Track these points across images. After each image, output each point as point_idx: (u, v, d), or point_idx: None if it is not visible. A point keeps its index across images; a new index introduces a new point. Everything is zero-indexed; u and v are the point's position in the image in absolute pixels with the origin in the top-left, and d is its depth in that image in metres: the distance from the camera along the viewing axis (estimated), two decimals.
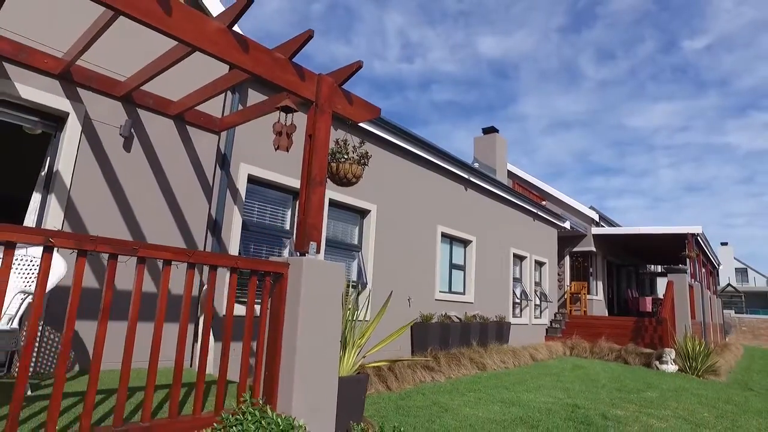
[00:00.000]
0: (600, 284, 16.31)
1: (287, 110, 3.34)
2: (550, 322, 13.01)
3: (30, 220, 4.04)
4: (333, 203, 6.56)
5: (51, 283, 3.05)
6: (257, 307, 5.08)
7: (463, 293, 9.40)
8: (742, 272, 49.75)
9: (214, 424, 2.58)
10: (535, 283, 12.49)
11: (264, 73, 3.21)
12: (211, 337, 4.72)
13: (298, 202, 6.10)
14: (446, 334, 7.91)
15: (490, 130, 15.72)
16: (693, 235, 13.70)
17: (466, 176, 9.32)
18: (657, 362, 9.89)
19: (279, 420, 2.56)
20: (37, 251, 3.23)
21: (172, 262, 2.61)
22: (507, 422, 4.82)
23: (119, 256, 2.40)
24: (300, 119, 4.17)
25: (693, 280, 13.08)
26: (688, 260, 13.68)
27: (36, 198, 4.13)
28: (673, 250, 15.75)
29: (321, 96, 3.52)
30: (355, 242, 7.07)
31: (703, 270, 16.20)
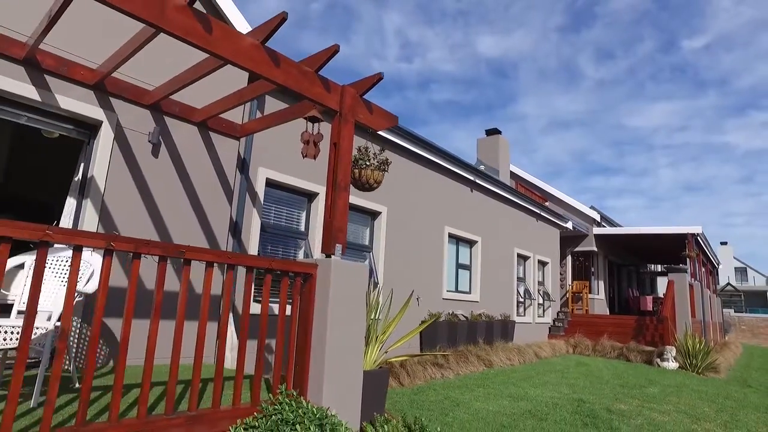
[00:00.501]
0: (601, 283, 16.54)
1: (314, 120, 3.56)
2: (553, 320, 13.24)
3: (65, 223, 4.25)
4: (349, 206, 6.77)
5: (95, 285, 3.26)
6: (273, 306, 5.30)
7: (469, 292, 9.63)
8: (741, 271, 50.04)
9: (255, 414, 2.80)
10: (539, 282, 12.71)
11: (293, 86, 3.43)
12: (233, 334, 4.93)
13: (323, 206, 6.35)
14: (454, 333, 8.14)
15: (493, 132, 15.94)
16: (693, 235, 13.92)
17: (471, 178, 9.54)
18: (658, 359, 10.12)
19: (314, 409, 2.78)
20: (85, 254, 3.43)
21: (205, 263, 2.82)
22: (516, 415, 5.04)
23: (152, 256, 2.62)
24: (322, 128, 4.37)
25: (693, 279, 13.30)
26: (688, 260, 13.91)
27: (71, 202, 4.34)
28: (673, 249, 15.97)
29: (345, 106, 3.74)
30: (367, 243, 7.29)
31: (703, 269, 16.42)
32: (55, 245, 3.48)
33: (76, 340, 4.02)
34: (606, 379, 8.08)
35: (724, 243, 49.03)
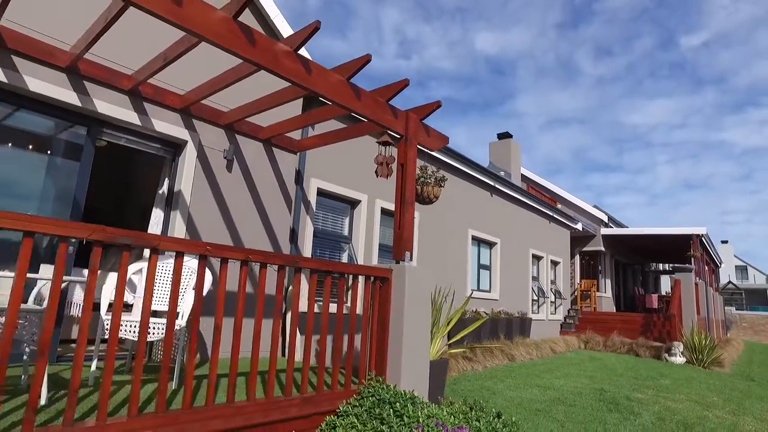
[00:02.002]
0: (608, 282, 17.13)
1: (386, 144, 4.12)
2: (564, 317, 13.83)
3: (153, 232, 4.81)
4: (384, 211, 7.35)
5: (207, 288, 3.82)
6: (332, 306, 5.84)
7: (489, 291, 10.21)
8: (741, 270, 50.73)
9: (354, 396, 3.36)
10: (551, 281, 13.29)
11: (371, 115, 3.98)
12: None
13: (366, 212, 6.90)
14: (478, 329, 8.71)
15: (504, 136, 16.49)
16: (698, 236, 14.50)
17: (492, 183, 10.11)
18: (666, 354, 10.72)
19: (402, 391, 3.35)
20: (194, 262, 3.94)
21: (284, 268, 3.38)
22: (547, 402, 5.63)
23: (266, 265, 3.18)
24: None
25: (698, 278, 13.89)
26: (693, 259, 14.49)
27: (157, 213, 4.90)
28: (678, 249, 16.55)
29: (409, 131, 4.30)
30: None
31: (706, 268, 17.02)
32: (165, 253, 4.04)
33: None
34: (620, 372, 8.67)
35: (724, 242, 49.69)
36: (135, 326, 3.26)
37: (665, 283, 26.43)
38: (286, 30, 5.69)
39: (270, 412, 2.95)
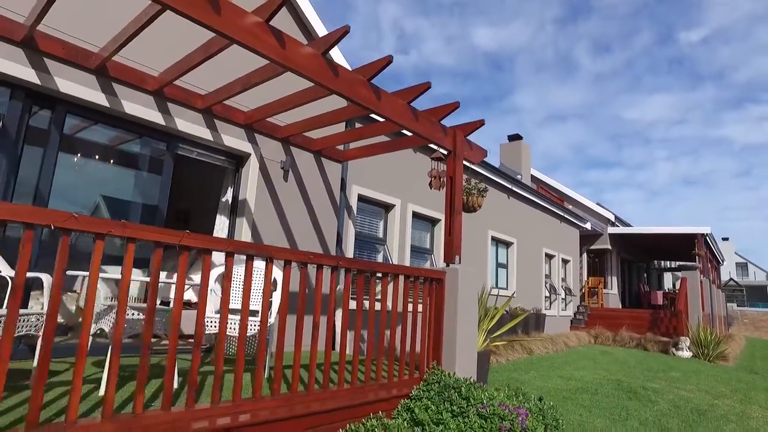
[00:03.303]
0: (615, 279, 17.67)
1: (439, 159, 4.61)
2: (574, 313, 14.37)
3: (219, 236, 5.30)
4: (415, 215, 7.85)
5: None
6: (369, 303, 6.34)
7: (506, 288, 10.73)
8: (742, 267, 51.39)
9: (421, 382, 3.87)
10: (562, 278, 13.82)
11: (426, 134, 4.47)
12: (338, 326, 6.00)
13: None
14: (497, 324, 9.23)
15: (515, 138, 16.98)
16: (702, 235, 15.02)
17: (509, 186, 10.61)
18: (673, 349, 11.26)
19: (461, 378, 3.86)
20: (261, 264, 4.44)
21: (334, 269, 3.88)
22: (572, 390, 6.15)
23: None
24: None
25: (702, 276, 14.42)
26: (697, 258, 15.02)
27: (222, 220, 5.40)
28: (682, 248, 17.08)
29: (457, 146, 4.79)
30: (427, 246, 8.37)
31: (709, 266, 17.56)
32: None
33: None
34: (632, 364, 9.20)
35: (725, 239, 50.28)
36: (236, 323, 3.76)
37: (668, 280, 27.00)
38: (319, 26, 6.07)
39: (355, 397, 3.45)
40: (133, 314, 3.26)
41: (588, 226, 15.43)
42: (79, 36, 4.12)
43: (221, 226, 5.37)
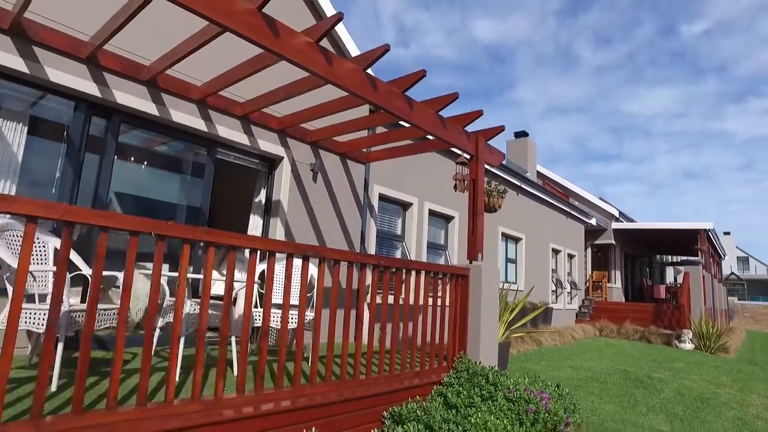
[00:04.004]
0: (618, 273, 18.02)
1: (463, 164, 4.95)
2: (579, 307, 14.75)
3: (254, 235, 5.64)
4: (431, 212, 8.18)
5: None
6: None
7: (515, 282, 11.09)
8: (743, 261, 51.79)
9: (451, 370, 4.23)
10: (567, 273, 14.18)
11: (452, 140, 4.80)
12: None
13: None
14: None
15: (521, 134, 17.27)
16: (705, 230, 15.35)
17: (519, 183, 10.93)
18: (676, 341, 11.64)
19: (486, 366, 4.22)
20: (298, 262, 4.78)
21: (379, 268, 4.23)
22: (583, 380, 6.53)
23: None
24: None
25: (704, 271, 14.77)
26: (700, 253, 15.36)
27: (255, 220, 5.74)
28: (684, 242, 17.42)
29: (479, 151, 5.12)
30: (442, 242, 8.71)
31: (711, 260, 17.90)
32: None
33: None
34: (637, 356, 9.58)
35: (727, 233, 50.63)
36: (278, 317, 4.11)
37: (669, 275, 27.36)
38: (349, 43, 6.40)
39: (394, 383, 3.81)
40: (194, 310, 3.62)
41: (593, 221, 15.76)
42: (134, 51, 4.44)
43: (255, 225, 5.72)
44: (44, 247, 3.36)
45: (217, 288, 4.92)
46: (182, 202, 5.02)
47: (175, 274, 3.74)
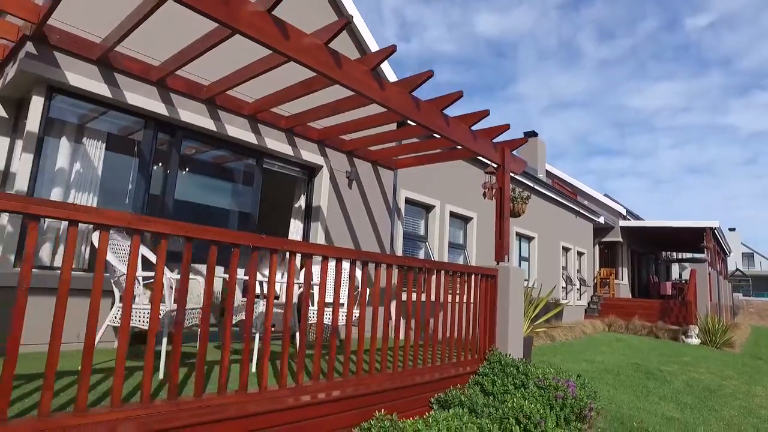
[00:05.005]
0: (625, 270, 18.44)
1: (492, 173, 5.39)
2: (588, 303, 15.19)
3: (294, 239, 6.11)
4: (452, 214, 8.63)
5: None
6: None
7: (528, 279, 11.54)
8: (748, 257, 52.02)
9: (484, 362, 4.70)
10: (577, 270, 14.62)
11: (481, 151, 5.24)
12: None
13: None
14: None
15: (530, 134, 17.64)
16: (711, 228, 15.74)
17: (531, 185, 11.36)
18: (683, 336, 12.07)
19: (514, 357, 4.68)
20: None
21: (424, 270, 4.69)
22: (597, 372, 6.99)
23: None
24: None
25: (710, 268, 15.17)
26: (706, 250, 15.76)
27: (296, 224, 6.20)
28: (690, 240, 17.81)
29: (505, 161, 5.56)
30: (461, 242, 9.17)
31: (717, 258, 18.29)
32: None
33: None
34: (646, 350, 10.03)
35: (732, 229, 50.81)
36: (329, 314, 4.58)
37: (675, 271, 27.73)
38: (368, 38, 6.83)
39: (436, 373, 4.28)
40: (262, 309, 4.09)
41: (601, 220, 16.17)
42: (195, 72, 4.89)
43: (296, 229, 6.19)
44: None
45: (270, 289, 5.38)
46: (234, 208, 5.49)
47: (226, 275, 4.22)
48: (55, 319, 2.12)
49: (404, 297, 6.62)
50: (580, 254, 14.93)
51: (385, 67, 6.74)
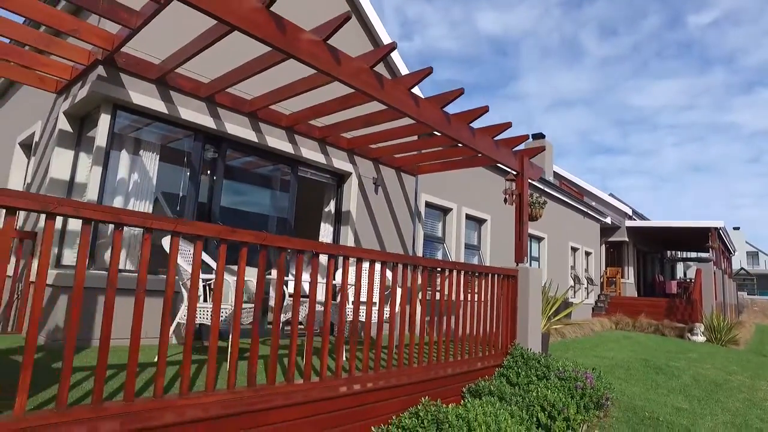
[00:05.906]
0: (631, 269, 18.78)
1: (512, 181, 5.77)
2: (596, 301, 15.55)
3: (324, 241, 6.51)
4: (468, 216, 9.01)
5: None
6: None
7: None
8: (753, 255, 52.18)
9: (507, 356, 5.09)
10: (584, 269, 14.98)
11: (502, 160, 5.61)
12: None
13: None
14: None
15: (538, 136, 17.98)
16: (716, 228, 16.06)
17: (542, 187, 11.72)
18: (689, 334, 12.42)
19: (535, 352, 5.07)
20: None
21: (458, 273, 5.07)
22: (608, 366, 7.36)
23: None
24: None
25: (715, 267, 15.50)
26: (711, 250, 16.08)
27: (326, 227, 6.59)
28: (695, 239, 18.12)
29: (524, 169, 5.93)
30: (475, 243, 9.55)
31: (721, 257, 18.60)
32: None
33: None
34: (653, 347, 10.40)
35: (736, 228, 50.95)
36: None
37: (680, 270, 28.02)
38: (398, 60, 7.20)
39: (465, 366, 4.67)
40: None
41: (608, 220, 16.51)
42: (240, 88, 5.29)
43: (326, 232, 6.58)
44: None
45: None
46: (273, 213, 5.89)
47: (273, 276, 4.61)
48: (134, 317, 2.39)
49: (435, 296, 7.00)
50: (587, 254, 15.29)
51: (398, 61, 7.06)
